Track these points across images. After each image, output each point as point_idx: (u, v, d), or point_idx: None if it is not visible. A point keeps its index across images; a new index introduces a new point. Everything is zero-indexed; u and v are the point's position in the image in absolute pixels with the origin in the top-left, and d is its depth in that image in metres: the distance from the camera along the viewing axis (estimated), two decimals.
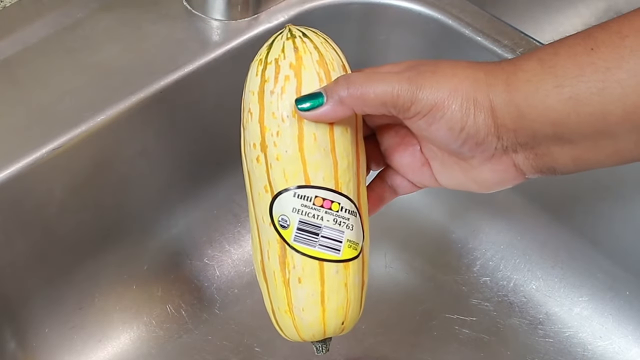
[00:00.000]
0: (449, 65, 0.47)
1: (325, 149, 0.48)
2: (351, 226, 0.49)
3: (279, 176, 0.48)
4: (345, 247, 0.49)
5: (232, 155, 0.78)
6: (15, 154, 0.62)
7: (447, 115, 0.46)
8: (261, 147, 0.48)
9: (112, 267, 0.74)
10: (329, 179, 0.48)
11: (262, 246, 0.50)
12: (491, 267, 0.81)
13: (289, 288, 0.50)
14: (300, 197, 0.48)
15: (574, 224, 0.77)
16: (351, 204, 0.49)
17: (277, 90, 0.48)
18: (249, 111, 0.49)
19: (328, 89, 0.48)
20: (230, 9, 0.72)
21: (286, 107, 0.48)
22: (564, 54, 0.44)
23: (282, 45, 0.49)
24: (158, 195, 0.75)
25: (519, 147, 0.47)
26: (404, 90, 0.46)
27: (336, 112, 0.48)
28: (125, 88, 0.67)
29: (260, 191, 0.49)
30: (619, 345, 0.76)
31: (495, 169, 0.48)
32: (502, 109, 0.46)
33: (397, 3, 0.75)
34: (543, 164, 0.47)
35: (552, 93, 0.44)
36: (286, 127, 0.48)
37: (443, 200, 0.83)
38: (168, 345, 0.75)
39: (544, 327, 0.77)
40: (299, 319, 0.50)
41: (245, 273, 0.80)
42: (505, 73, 0.46)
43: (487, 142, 0.47)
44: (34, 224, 0.66)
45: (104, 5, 0.72)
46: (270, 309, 0.52)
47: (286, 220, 0.48)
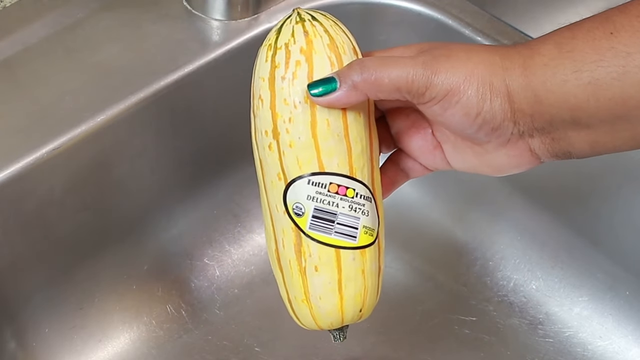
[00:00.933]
0: (463, 49, 0.46)
1: (338, 134, 0.47)
2: (367, 212, 0.49)
3: (292, 163, 0.47)
4: (362, 233, 0.48)
5: (232, 155, 0.79)
6: (15, 154, 0.62)
7: (462, 100, 0.45)
8: (273, 134, 0.48)
9: (112, 267, 0.74)
10: (344, 164, 0.48)
11: (277, 235, 0.50)
12: (491, 267, 0.81)
13: (305, 277, 0.49)
14: (315, 184, 0.47)
15: (574, 224, 0.77)
16: (366, 189, 0.48)
17: (288, 75, 0.47)
18: (259, 98, 0.48)
19: (341, 73, 0.47)
20: (230, 9, 0.72)
21: (298, 92, 0.47)
22: (582, 37, 0.44)
23: (292, 29, 0.48)
24: (158, 195, 0.75)
25: (536, 131, 0.46)
26: (419, 75, 0.45)
27: (349, 97, 0.47)
28: (125, 88, 0.67)
29: (273, 179, 0.49)
30: (619, 345, 0.76)
31: (510, 153, 0.48)
32: (518, 93, 0.45)
33: (397, 3, 0.75)
34: (559, 149, 0.47)
35: (571, 78, 0.43)
36: (298, 114, 0.47)
37: (443, 201, 0.83)
38: (168, 345, 0.75)
39: (544, 327, 0.77)
40: (317, 308, 0.49)
41: (245, 273, 0.80)
42: (522, 57, 0.45)
43: (503, 127, 0.46)
44: (34, 224, 0.66)
45: (104, 5, 0.72)
46: (287, 299, 0.51)
47: (301, 208, 0.48)
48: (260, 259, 0.81)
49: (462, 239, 0.83)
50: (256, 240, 0.82)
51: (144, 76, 0.68)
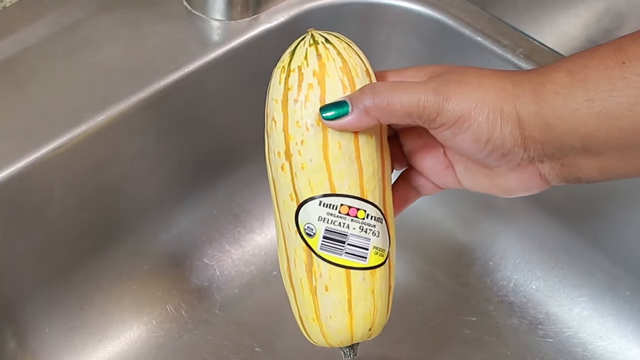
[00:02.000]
0: (474, 74, 0.47)
1: (350, 157, 0.48)
2: (377, 233, 0.49)
3: (304, 185, 0.48)
4: (372, 254, 0.49)
5: (232, 155, 0.79)
6: (15, 154, 0.62)
7: (473, 126, 0.46)
8: (286, 155, 0.48)
9: (112, 267, 0.74)
10: (355, 186, 0.48)
11: (289, 253, 0.50)
12: (491, 267, 0.81)
13: (316, 296, 0.50)
14: (326, 205, 0.48)
15: (574, 224, 0.77)
16: (377, 210, 0.49)
17: (300, 98, 0.48)
18: (272, 119, 0.49)
19: (353, 98, 0.47)
20: (230, 9, 0.72)
21: (310, 115, 0.47)
22: (595, 66, 0.44)
23: (305, 52, 0.48)
24: (158, 195, 0.75)
25: (545, 157, 0.47)
26: (430, 101, 0.46)
27: (361, 122, 0.47)
28: (125, 88, 0.67)
29: (286, 199, 0.49)
30: (619, 345, 0.76)
31: (520, 177, 0.48)
32: (529, 120, 0.45)
33: (397, 3, 0.75)
34: (569, 174, 0.47)
35: (582, 107, 0.44)
36: (310, 136, 0.48)
37: (444, 201, 0.83)
38: (168, 345, 0.75)
39: (544, 327, 0.77)
40: (327, 327, 0.50)
41: (245, 273, 0.80)
42: (533, 84, 0.46)
43: (513, 153, 0.46)
44: (34, 224, 0.66)
45: (104, 5, 0.72)
46: (298, 316, 0.52)
47: (312, 228, 0.48)
48: (260, 259, 0.81)
49: (462, 239, 0.83)
50: (256, 240, 0.82)
51: (144, 76, 0.68)
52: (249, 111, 0.76)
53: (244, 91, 0.75)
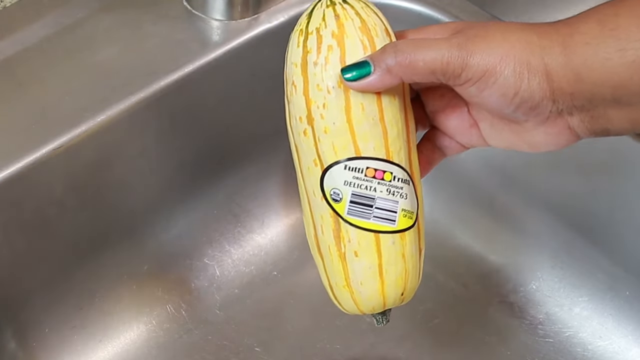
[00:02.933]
0: (499, 29, 0.46)
1: (374, 118, 0.47)
2: (405, 195, 0.48)
3: (328, 149, 0.47)
4: (400, 217, 0.48)
5: (232, 155, 0.79)
6: (15, 154, 0.62)
7: (499, 80, 0.45)
8: (307, 120, 0.47)
9: (112, 267, 0.74)
10: (380, 148, 0.47)
11: (315, 221, 0.49)
12: (491, 267, 0.81)
13: (345, 262, 0.48)
14: (352, 169, 0.47)
15: (574, 224, 0.77)
16: (403, 172, 0.48)
17: (320, 61, 0.47)
18: (292, 84, 0.48)
19: (375, 57, 0.46)
20: (230, 9, 0.72)
21: (331, 78, 0.46)
22: (626, 14, 0.43)
23: (323, 13, 0.47)
24: (158, 195, 0.75)
25: (575, 110, 0.46)
26: (454, 57, 0.45)
27: (384, 81, 0.46)
28: (125, 88, 0.67)
29: (310, 165, 0.48)
30: (619, 345, 0.76)
31: (549, 131, 0.47)
32: (558, 72, 0.44)
33: (397, 3, 0.75)
34: (598, 126, 0.46)
35: (614, 56, 0.43)
36: (332, 99, 0.47)
37: (444, 201, 0.83)
38: (168, 345, 0.75)
39: (544, 327, 0.77)
40: (358, 293, 0.49)
41: (245, 273, 0.80)
42: (561, 35, 0.45)
43: (542, 106, 0.45)
44: (34, 224, 0.66)
45: (104, 5, 0.72)
46: (328, 284, 0.50)
47: (338, 193, 0.47)
48: (260, 259, 0.81)
49: (462, 239, 0.83)
50: (256, 240, 0.82)
51: (144, 76, 0.68)
52: (249, 111, 0.77)
53: (244, 91, 0.75)
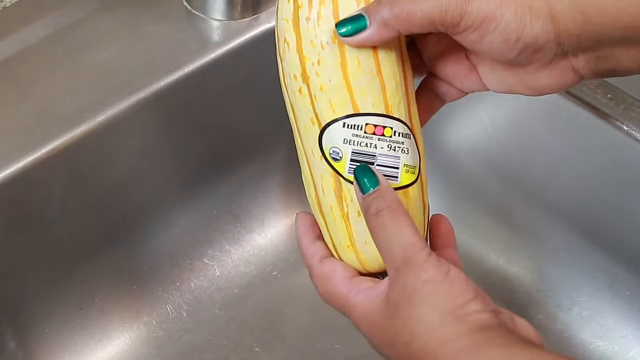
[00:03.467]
0: None
1: (370, 72, 0.46)
2: (406, 150, 0.47)
3: (325, 107, 0.46)
4: (403, 172, 0.47)
5: (232, 155, 0.79)
6: (15, 154, 0.62)
7: (500, 25, 0.43)
8: (302, 77, 0.46)
9: (112, 267, 0.74)
10: (379, 103, 0.46)
11: (315, 180, 0.48)
12: (491, 267, 0.81)
13: (348, 222, 0.47)
14: (350, 126, 0.46)
15: (574, 224, 0.77)
16: (404, 126, 0.47)
17: (312, 16, 0.45)
18: (284, 41, 0.46)
19: (370, 10, 0.44)
20: (230, 9, 0.72)
21: (325, 33, 0.45)
22: None
23: None
24: (158, 195, 0.75)
25: (580, 51, 0.45)
26: (452, 4, 0.43)
27: (381, 35, 0.45)
28: (125, 88, 0.67)
29: (307, 124, 0.47)
30: (618, 345, 0.76)
31: (552, 74, 0.46)
32: (564, 14, 0.43)
33: None
34: (604, 67, 0.45)
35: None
36: (327, 55, 0.45)
37: (443, 200, 0.83)
38: (168, 345, 0.75)
39: (544, 327, 0.77)
40: (362, 253, 0.48)
41: (245, 273, 0.80)
42: None
43: (546, 48, 0.44)
44: (34, 224, 0.66)
45: (104, 5, 0.72)
46: (332, 245, 0.49)
47: (338, 152, 0.46)
48: (260, 259, 0.81)
49: (462, 239, 0.83)
50: (256, 240, 0.82)
51: (144, 76, 0.68)
52: (248, 111, 0.77)
53: (244, 91, 0.75)
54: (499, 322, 0.42)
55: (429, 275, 0.42)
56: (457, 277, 0.43)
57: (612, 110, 0.71)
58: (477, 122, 0.79)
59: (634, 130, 0.70)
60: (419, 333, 0.42)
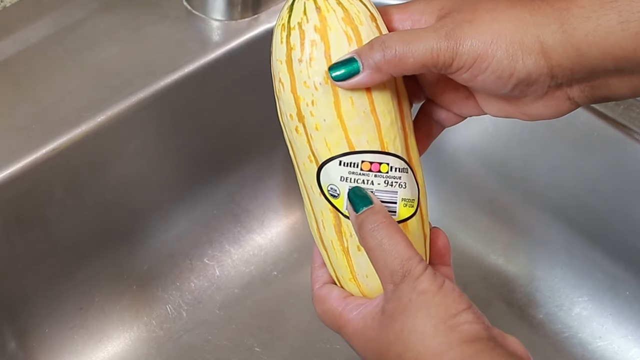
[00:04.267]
0: (487, 9, 0.45)
1: (364, 111, 0.46)
2: (404, 184, 0.47)
3: (321, 146, 0.46)
4: (401, 207, 0.47)
5: (232, 155, 0.79)
6: (15, 154, 0.62)
7: (492, 64, 0.44)
8: (298, 117, 0.46)
9: (112, 267, 0.74)
10: (374, 141, 0.46)
11: (316, 215, 0.49)
12: (490, 267, 0.81)
13: (349, 256, 0.48)
14: (346, 164, 0.46)
15: (574, 224, 0.77)
16: (400, 161, 0.47)
17: (305, 57, 0.45)
18: (279, 81, 0.47)
19: (362, 53, 0.45)
20: (230, 9, 0.72)
21: (317, 74, 0.45)
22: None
23: (304, 6, 0.46)
24: (158, 195, 0.75)
25: (574, 82, 0.45)
26: (443, 48, 0.44)
27: (373, 79, 0.45)
28: (125, 88, 0.67)
29: (305, 161, 0.47)
30: (618, 345, 0.76)
31: (548, 104, 0.47)
32: (556, 49, 0.43)
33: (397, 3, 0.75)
34: (598, 94, 0.46)
35: (617, 30, 0.42)
36: (320, 95, 0.46)
37: (443, 200, 0.83)
38: (168, 345, 0.75)
39: (544, 327, 0.77)
40: (365, 286, 0.48)
41: (245, 273, 0.80)
42: (557, 10, 0.43)
43: (539, 82, 0.45)
44: (34, 224, 0.66)
45: (104, 5, 0.72)
46: (335, 277, 0.50)
47: (335, 189, 0.47)
48: (260, 259, 0.81)
49: (462, 239, 0.83)
50: (256, 240, 0.82)
51: (144, 76, 0.68)
52: (248, 111, 0.77)
53: (244, 91, 0.75)
54: (489, 334, 0.43)
55: (424, 286, 0.43)
56: (451, 289, 0.44)
57: (612, 111, 0.71)
58: (477, 122, 0.79)
59: (634, 130, 0.70)
60: (412, 343, 0.43)
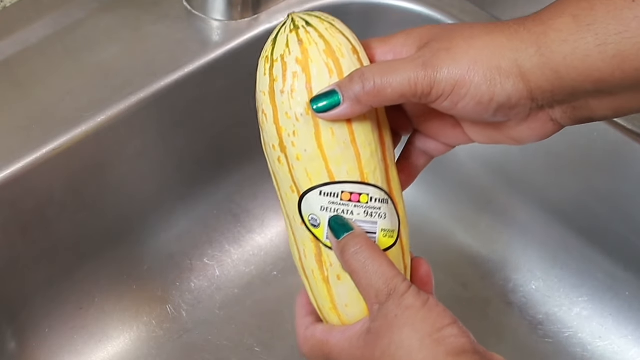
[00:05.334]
0: (463, 37, 0.45)
1: (345, 142, 0.47)
2: (383, 215, 0.48)
3: (302, 176, 0.47)
4: (380, 237, 0.48)
5: (232, 155, 0.79)
6: (15, 154, 0.62)
7: (471, 90, 0.44)
8: (280, 148, 0.47)
9: (112, 267, 0.74)
10: (353, 171, 0.47)
11: (298, 245, 0.49)
12: (491, 267, 0.81)
13: (329, 285, 0.49)
14: (327, 194, 0.47)
15: (574, 224, 0.77)
16: (381, 192, 0.48)
17: (287, 89, 0.46)
18: (262, 112, 0.48)
19: (343, 86, 0.45)
20: (230, 9, 0.72)
21: (299, 105, 0.46)
22: (602, 8, 0.42)
23: (286, 39, 0.47)
24: (158, 195, 0.75)
25: (556, 103, 0.45)
26: (421, 77, 0.44)
27: (354, 111, 0.46)
28: (125, 88, 0.67)
29: (287, 191, 0.48)
30: (618, 346, 0.76)
31: (532, 126, 0.47)
32: (535, 73, 0.44)
33: (397, 3, 0.75)
34: (581, 115, 0.46)
35: (594, 52, 0.42)
36: (302, 126, 0.46)
37: (443, 201, 0.83)
38: (168, 345, 0.75)
39: (543, 328, 0.77)
40: (344, 315, 0.49)
41: (245, 273, 0.80)
42: (534, 34, 0.44)
43: (520, 105, 0.45)
44: (34, 224, 0.66)
45: (104, 5, 0.72)
46: (317, 306, 0.51)
47: (316, 219, 0.47)
48: (260, 259, 0.81)
49: (462, 239, 0.83)
50: (256, 240, 0.82)
51: (144, 76, 0.68)
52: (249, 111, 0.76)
53: (244, 91, 0.75)
54: (474, 348, 0.44)
55: (409, 302, 0.44)
56: (435, 304, 0.45)
57: None
58: None
59: (633, 130, 0.70)
60: (399, 357, 0.44)
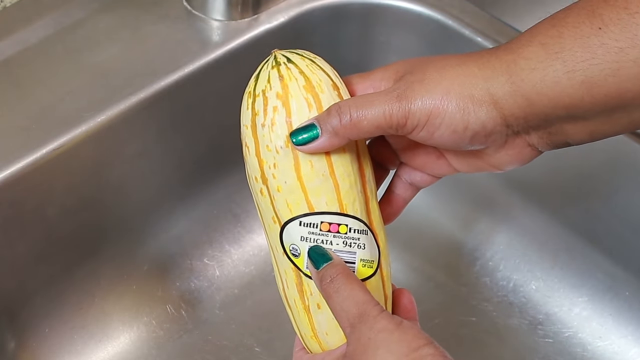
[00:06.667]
0: (436, 68, 0.46)
1: (323, 174, 0.48)
2: (362, 245, 0.49)
3: (283, 207, 0.49)
4: (359, 267, 0.49)
5: (232, 155, 0.78)
6: (15, 154, 0.62)
7: (445, 120, 0.45)
8: (262, 180, 0.49)
9: (112, 267, 0.74)
10: (332, 202, 0.48)
11: (281, 274, 0.51)
12: (491, 268, 0.81)
13: (310, 314, 0.50)
14: (306, 224, 0.49)
15: (574, 224, 0.77)
16: (360, 223, 0.49)
17: (267, 122, 0.48)
18: (245, 145, 0.49)
19: (321, 119, 0.47)
20: (230, 9, 0.72)
21: (279, 138, 0.48)
22: (570, 36, 0.43)
23: (268, 75, 0.49)
24: (158, 195, 0.75)
25: (531, 129, 0.46)
26: (395, 109, 0.46)
27: (332, 143, 0.47)
28: (125, 88, 0.67)
29: (270, 222, 0.50)
30: (618, 346, 0.76)
31: (510, 152, 0.48)
32: (507, 100, 0.45)
33: (397, 4, 0.75)
34: (558, 140, 0.47)
35: (563, 79, 0.43)
36: (281, 158, 0.48)
37: (443, 201, 0.83)
38: (168, 345, 0.75)
39: (543, 328, 0.77)
40: (325, 343, 0.50)
41: (245, 273, 0.80)
42: (504, 63, 0.45)
43: (496, 132, 0.46)
44: (34, 224, 0.66)
45: (104, 5, 0.72)
46: (299, 334, 0.52)
47: (296, 249, 0.49)
48: (260, 259, 0.81)
49: (462, 239, 0.83)
50: (256, 240, 0.82)
51: (144, 76, 0.68)
52: None
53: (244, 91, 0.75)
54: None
55: (382, 325, 0.44)
56: (410, 326, 0.45)
57: None
58: None
59: None
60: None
